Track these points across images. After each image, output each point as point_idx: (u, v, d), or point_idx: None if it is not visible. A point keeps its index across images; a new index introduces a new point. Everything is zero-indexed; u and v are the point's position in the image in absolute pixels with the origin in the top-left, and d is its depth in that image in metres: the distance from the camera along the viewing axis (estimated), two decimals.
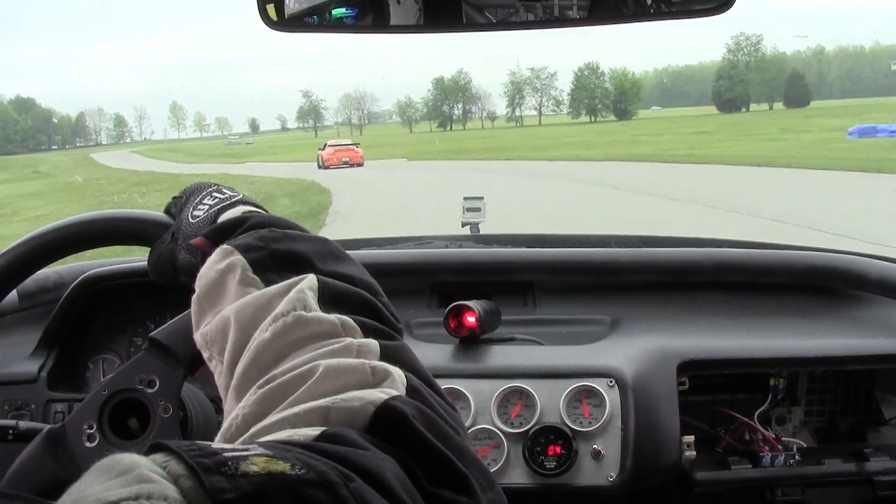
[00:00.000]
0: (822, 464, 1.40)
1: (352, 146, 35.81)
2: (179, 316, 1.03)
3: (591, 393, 1.27)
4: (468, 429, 1.27)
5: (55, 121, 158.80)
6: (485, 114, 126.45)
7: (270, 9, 1.11)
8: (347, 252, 0.84)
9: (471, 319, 1.40)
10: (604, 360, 1.32)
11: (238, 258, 0.78)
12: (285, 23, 1.11)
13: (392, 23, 1.12)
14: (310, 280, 0.73)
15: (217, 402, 1.20)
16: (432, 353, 1.39)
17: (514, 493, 1.26)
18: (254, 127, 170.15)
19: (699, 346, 1.40)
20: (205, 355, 0.79)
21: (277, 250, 0.79)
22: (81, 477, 0.44)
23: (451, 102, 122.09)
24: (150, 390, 1.01)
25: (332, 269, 0.78)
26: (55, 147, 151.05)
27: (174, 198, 1.03)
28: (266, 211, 0.93)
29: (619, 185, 18.12)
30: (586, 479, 1.24)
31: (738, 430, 1.44)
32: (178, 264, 0.95)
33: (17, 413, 1.29)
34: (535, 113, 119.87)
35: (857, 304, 1.58)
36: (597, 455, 1.24)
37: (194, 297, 0.82)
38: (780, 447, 1.41)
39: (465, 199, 2.10)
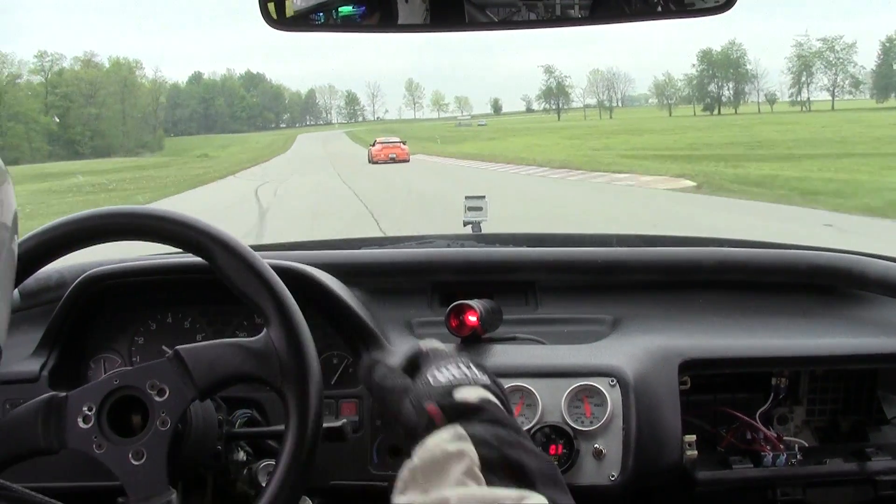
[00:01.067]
0: (823, 463, 1.40)
1: (398, 143, 37.88)
2: (213, 342, 1.04)
3: (592, 392, 1.27)
4: None
5: (285, 98, 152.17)
6: (762, 95, 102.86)
7: (272, 8, 1.11)
8: (349, 251, 0.84)
9: (472, 319, 1.40)
10: (605, 359, 1.32)
11: (470, 448, 0.80)
12: (287, 21, 1.11)
13: (400, 22, 1.12)
14: (540, 501, 0.74)
15: (217, 402, 1.20)
16: None
17: None
18: (496, 108, 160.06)
19: (701, 345, 1.40)
20: None
21: (509, 457, 0.81)
22: None
23: (719, 81, 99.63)
24: (157, 398, 1.02)
25: (548, 493, 0.79)
26: (283, 125, 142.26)
27: (416, 357, 1.02)
28: (507, 401, 0.94)
29: None
30: (588, 479, 1.24)
31: (740, 430, 1.44)
32: (402, 413, 0.94)
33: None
34: (825, 96, 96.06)
35: (859, 303, 1.58)
36: (598, 454, 1.24)
37: (411, 464, 0.83)
38: (781, 447, 1.40)
39: (467, 198, 2.10)
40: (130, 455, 1.00)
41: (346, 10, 1.12)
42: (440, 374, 0.94)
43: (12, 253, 0.72)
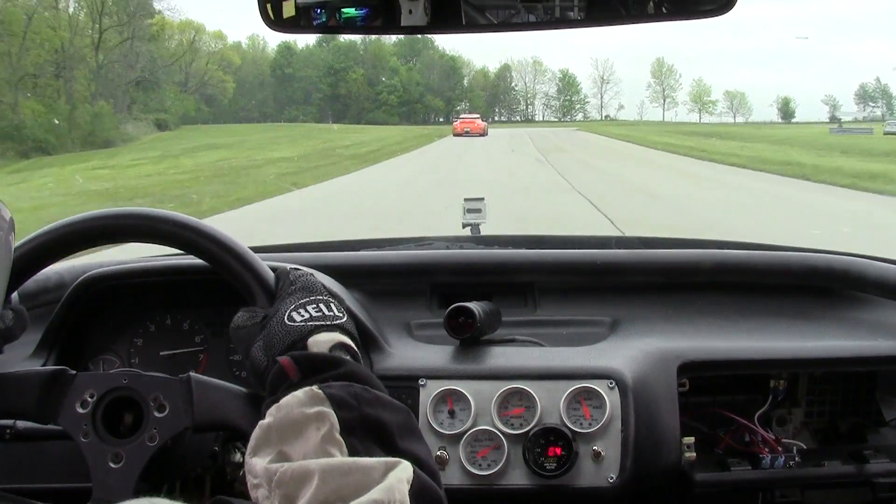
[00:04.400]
0: (821, 465, 1.40)
1: (474, 119, 45.44)
2: (225, 385, 1.04)
3: (591, 394, 1.27)
4: (469, 430, 1.27)
5: (464, 77, 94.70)
6: None
7: (270, 8, 1.11)
8: (348, 253, 0.84)
9: (471, 320, 1.40)
10: (604, 361, 1.32)
11: (329, 412, 0.80)
12: (284, 23, 1.11)
13: (403, 24, 1.12)
14: (406, 470, 0.75)
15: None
16: (433, 354, 1.39)
17: (514, 495, 1.26)
18: (785, 111, 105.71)
19: (699, 347, 1.40)
20: (252, 481, 0.79)
21: (368, 415, 0.81)
22: None
23: None
24: (156, 413, 1.02)
25: (407, 447, 0.80)
26: (458, 119, 74.91)
27: (290, 270, 1.04)
28: (360, 344, 0.94)
29: None
30: (586, 481, 1.24)
31: (738, 432, 1.44)
32: (250, 353, 0.95)
33: None
34: None
35: (857, 305, 1.58)
36: (597, 456, 1.24)
37: (264, 423, 0.82)
38: (779, 449, 1.41)
39: (466, 200, 2.09)
40: (110, 455, 1.00)
41: (349, 11, 1.12)
42: (295, 314, 0.93)
43: (9, 245, 0.73)
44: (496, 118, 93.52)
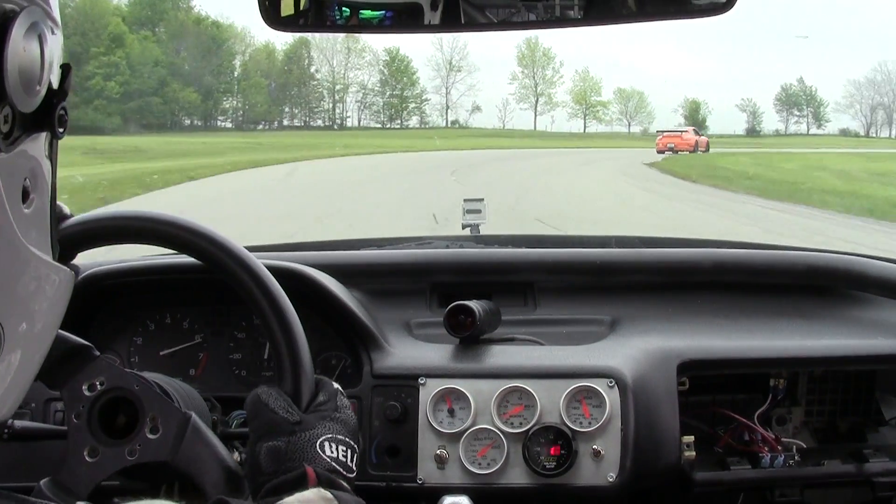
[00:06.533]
0: (821, 465, 1.40)
1: (678, 134, 34.80)
2: (220, 449, 1.04)
3: (590, 393, 1.27)
4: (468, 429, 1.27)
5: (234, 56, 59.99)
6: None
7: (269, 6, 1.10)
8: (349, 252, 0.84)
9: (471, 319, 1.40)
10: (604, 360, 1.32)
11: None
12: (284, 21, 1.10)
13: (415, 25, 1.11)
14: None
15: (211, 402, 1.21)
16: (432, 353, 1.38)
17: (514, 493, 1.26)
18: (695, 121, 70.01)
19: (699, 346, 1.40)
20: None
21: None
22: None
23: None
24: (149, 434, 1.02)
25: None
26: (226, 121, 58.83)
27: (339, 391, 1.05)
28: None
29: None
30: (586, 480, 1.24)
31: (738, 431, 1.44)
32: (260, 447, 0.97)
33: (17, 412, 1.29)
34: None
35: (857, 304, 1.58)
36: (596, 455, 1.24)
37: None
38: (779, 448, 1.41)
39: (466, 200, 2.09)
40: (88, 448, 1.00)
41: (367, 14, 1.10)
42: (329, 446, 0.97)
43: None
44: (285, 121, 61.13)
